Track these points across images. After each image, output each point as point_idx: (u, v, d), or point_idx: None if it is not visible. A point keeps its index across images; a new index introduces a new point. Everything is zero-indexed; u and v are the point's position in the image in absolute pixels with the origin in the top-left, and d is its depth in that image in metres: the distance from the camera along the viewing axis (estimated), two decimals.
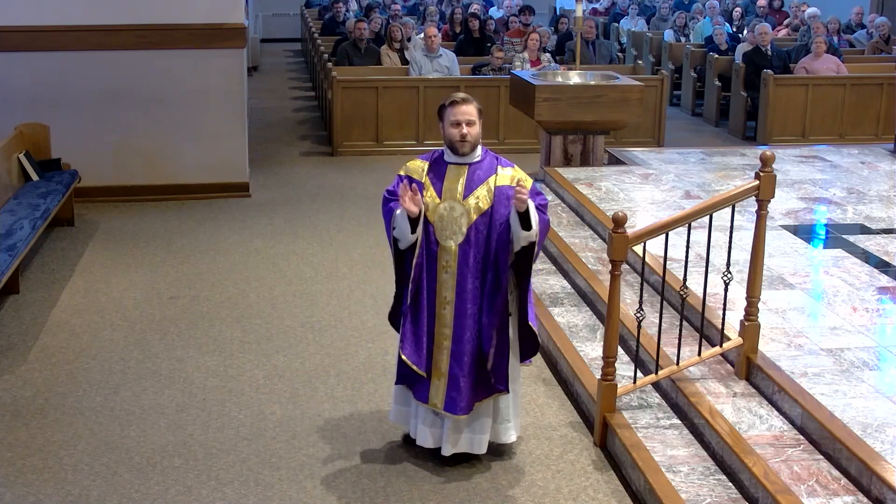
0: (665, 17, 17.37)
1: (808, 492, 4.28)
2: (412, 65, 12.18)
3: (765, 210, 5.13)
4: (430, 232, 4.73)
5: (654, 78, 12.21)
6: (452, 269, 4.73)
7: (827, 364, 5.17)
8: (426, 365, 4.81)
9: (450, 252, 4.72)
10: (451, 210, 4.69)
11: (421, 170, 4.81)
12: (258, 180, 10.27)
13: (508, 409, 4.97)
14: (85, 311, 6.97)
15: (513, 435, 5.05)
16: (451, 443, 4.91)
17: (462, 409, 4.80)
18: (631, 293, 6.30)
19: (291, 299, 7.23)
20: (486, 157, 4.79)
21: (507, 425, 4.99)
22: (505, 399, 4.94)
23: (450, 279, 4.74)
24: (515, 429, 5.06)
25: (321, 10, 19.28)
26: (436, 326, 4.80)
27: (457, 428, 4.89)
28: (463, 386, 4.78)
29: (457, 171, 4.75)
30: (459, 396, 4.79)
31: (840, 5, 17.67)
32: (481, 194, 4.70)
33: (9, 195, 8.04)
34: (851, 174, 9.09)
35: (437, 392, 4.83)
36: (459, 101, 4.74)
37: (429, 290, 4.77)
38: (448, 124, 4.74)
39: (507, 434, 5.02)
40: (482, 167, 4.75)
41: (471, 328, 4.75)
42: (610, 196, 8.26)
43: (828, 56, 12.74)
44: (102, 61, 9.37)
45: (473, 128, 4.71)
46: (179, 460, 5.06)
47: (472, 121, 4.71)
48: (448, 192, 4.71)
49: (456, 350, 4.77)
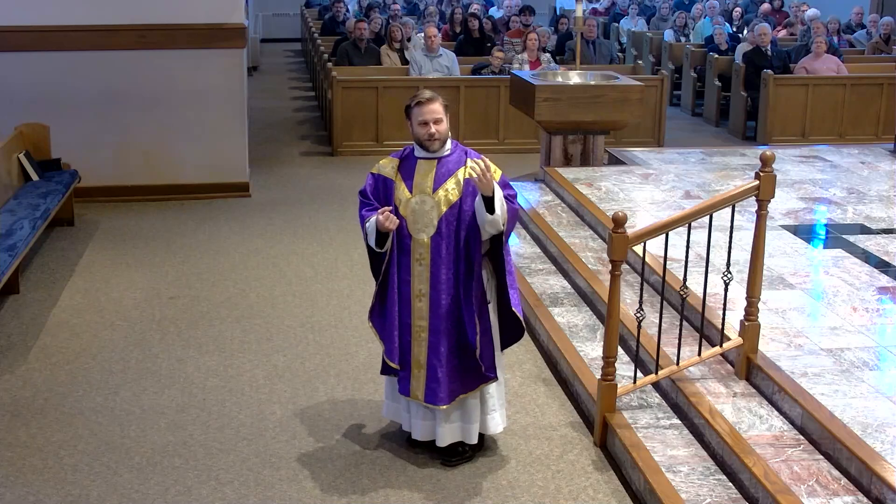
0: (665, 17, 17.37)
1: (808, 492, 4.28)
2: (412, 65, 12.19)
3: (765, 210, 5.13)
4: (404, 226, 4.81)
5: (654, 78, 12.21)
6: (426, 261, 4.80)
7: (827, 364, 5.17)
8: (403, 358, 4.90)
9: (423, 245, 4.80)
10: (422, 203, 4.77)
11: (392, 167, 4.92)
12: (258, 180, 10.27)
13: (493, 398, 4.99)
14: (85, 311, 6.97)
15: (500, 425, 5.06)
16: (443, 433, 4.96)
17: (442, 399, 4.85)
18: (631, 293, 6.30)
19: (291, 299, 7.23)
20: (456, 150, 4.86)
21: (494, 415, 5.01)
22: (490, 388, 4.97)
23: (424, 271, 4.81)
24: (502, 418, 5.07)
25: (321, 10, 19.29)
26: (412, 319, 4.86)
27: (447, 418, 4.94)
28: (441, 377, 4.84)
29: (427, 166, 4.84)
30: (439, 387, 4.85)
31: (840, 5, 17.67)
32: (450, 187, 4.78)
33: (9, 195, 8.04)
34: (851, 174, 9.09)
35: (419, 384, 4.90)
36: (425, 100, 4.82)
37: (403, 282, 4.86)
38: (416, 124, 4.84)
39: (495, 423, 5.03)
40: (451, 160, 4.83)
41: (447, 319, 4.81)
42: (610, 196, 8.26)
43: (828, 56, 12.75)
44: (102, 61, 9.37)
45: (441, 125, 4.79)
46: (179, 460, 5.06)
47: (440, 118, 4.79)
48: (418, 187, 4.80)
49: (433, 341, 4.84)
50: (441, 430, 4.95)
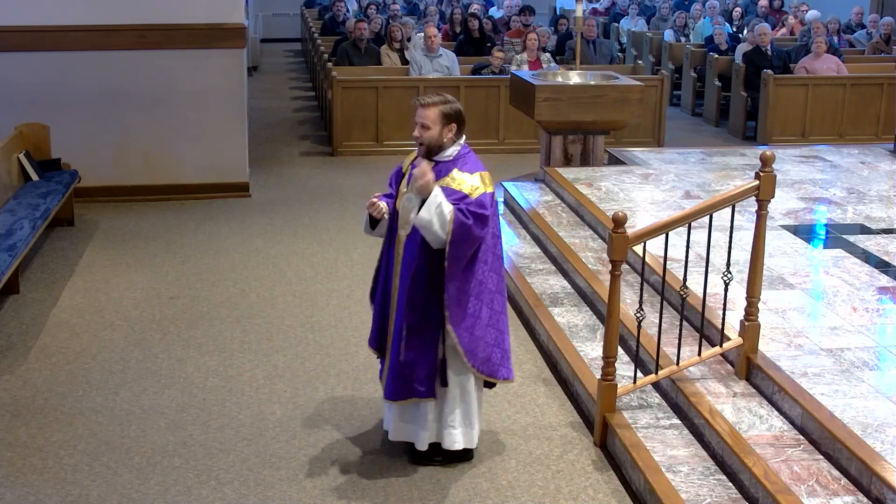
0: (665, 16, 17.37)
1: (808, 492, 4.28)
2: (412, 65, 12.19)
3: (765, 210, 5.13)
4: (395, 219, 4.87)
5: (654, 78, 12.21)
6: (400, 257, 4.83)
7: (827, 364, 5.17)
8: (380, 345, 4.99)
9: (400, 241, 4.83)
10: (409, 201, 4.78)
11: (409, 160, 4.96)
12: (258, 180, 10.27)
13: (454, 415, 4.88)
14: (85, 311, 6.97)
15: (457, 443, 4.91)
16: (394, 428, 5.00)
17: (389, 394, 4.88)
18: (631, 293, 6.30)
19: (291, 299, 7.23)
20: (457, 160, 4.77)
21: (452, 431, 4.89)
22: (451, 403, 4.86)
23: (397, 267, 4.85)
24: (464, 438, 4.91)
25: (321, 10, 19.29)
26: (389, 309, 4.92)
27: (399, 415, 4.95)
28: (390, 373, 4.86)
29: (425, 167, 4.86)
30: (390, 383, 4.88)
31: (840, 5, 17.67)
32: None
33: (9, 195, 8.04)
34: (851, 174, 9.09)
35: (384, 375, 4.97)
36: (420, 104, 4.80)
37: (386, 275, 4.93)
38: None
39: (451, 440, 4.91)
40: (444, 167, 4.76)
41: (403, 320, 4.81)
42: (610, 196, 8.26)
43: (828, 56, 12.75)
44: (102, 61, 9.37)
45: (427, 132, 4.74)
46: (179, 460, 5.06)
47: (427, 125, 4.73)
48: (411, 185, 4.79)
49: (394, 337, 4.86)
50: (392, 425, 5.00)
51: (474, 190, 4.68)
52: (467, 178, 4.71)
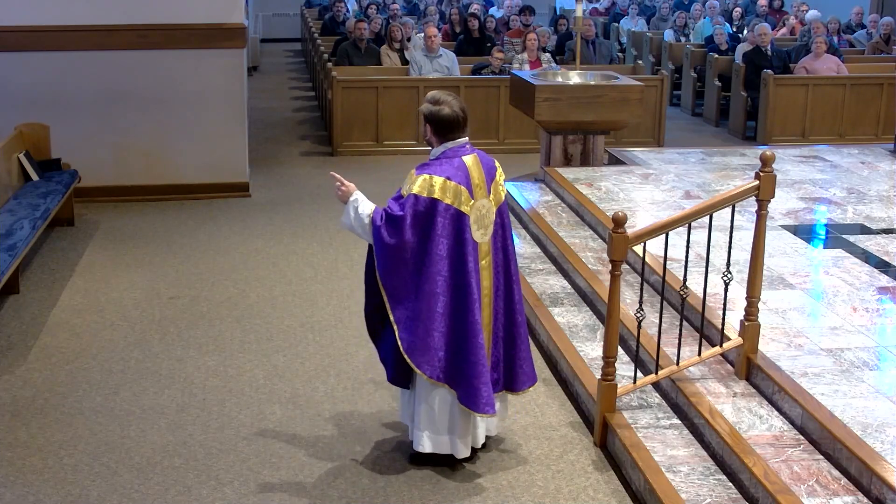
0: (665, 17, 17.37)
1: (808, 492, 4.28)
2: (412, 65, 12.19)
3: (765, 210, 5.13)
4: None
5: (654, 78, 12.21)
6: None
7: (827, 364, 5.17)
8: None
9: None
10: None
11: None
12: (258, 180, 10.27)
13: (420, 416, 4.88)
14: (85, 311, 6.97)
15: (422, 445, 4.90)
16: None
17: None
18: (631, 293, 6.30)
19: (291, 299, 7.23)
20: (431, 161, 4.77)
21: (417, 432, 4.91)
22: (419, 403, 4.88)
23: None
24: (430, 442, 4.89)
25: (321, 10, 19.29)
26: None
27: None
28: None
29: None
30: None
31: (840, 5, 17.67)
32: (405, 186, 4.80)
33: (9, 195, 8.04)
34: (851, 174, 9.09)
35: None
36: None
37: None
38: None
39: (417, 440, 4.92)
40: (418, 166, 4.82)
41: None
42: (610, 196, 8.26)
43: (828, 56, 12.74)
44: (102, 61, 9.37)
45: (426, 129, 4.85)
46: (179, 460, 5.06)
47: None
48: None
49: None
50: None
51: (409, 191, 4.67)
52: (412, 179, 4.70)
